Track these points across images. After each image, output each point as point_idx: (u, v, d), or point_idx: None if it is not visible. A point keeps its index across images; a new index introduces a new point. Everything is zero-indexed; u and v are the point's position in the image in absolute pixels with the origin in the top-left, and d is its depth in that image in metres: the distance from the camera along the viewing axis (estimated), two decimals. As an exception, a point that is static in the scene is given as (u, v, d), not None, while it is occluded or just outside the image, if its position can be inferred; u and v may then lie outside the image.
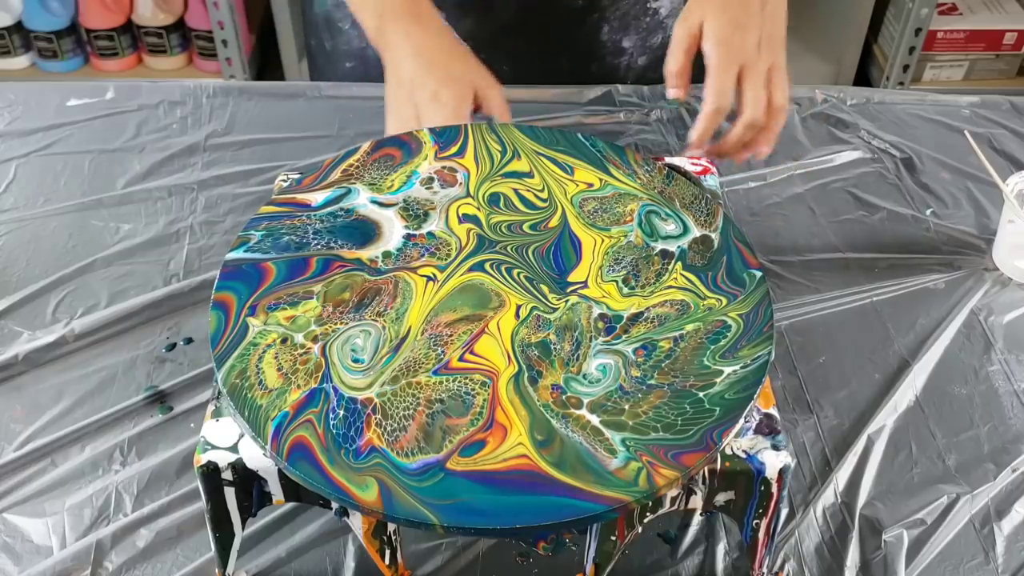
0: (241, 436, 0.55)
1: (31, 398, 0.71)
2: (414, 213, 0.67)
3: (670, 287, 0.63)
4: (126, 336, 0.75)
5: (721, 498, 0.56)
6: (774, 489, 0.55)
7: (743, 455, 0.55)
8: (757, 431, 0.56)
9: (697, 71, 1.02)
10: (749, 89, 0.77)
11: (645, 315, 0.61)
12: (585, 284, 0.63)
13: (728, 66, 0.76)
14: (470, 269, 0.63)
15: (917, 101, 1.03)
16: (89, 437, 0.68)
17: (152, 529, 0.63)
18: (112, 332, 0.75)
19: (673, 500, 0.56)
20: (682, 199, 0.69)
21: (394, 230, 0.66)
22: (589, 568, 0.58)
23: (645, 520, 0.56)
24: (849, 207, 0.89)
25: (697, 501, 0.56)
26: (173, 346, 0.74)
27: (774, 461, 0.55)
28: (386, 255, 0.64)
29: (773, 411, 0.57)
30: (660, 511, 0.56)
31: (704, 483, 0.55)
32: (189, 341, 0.75)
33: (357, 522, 0.56)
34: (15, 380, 0.72)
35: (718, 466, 0.54)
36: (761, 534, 0.58)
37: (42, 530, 0.63)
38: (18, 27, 2.03)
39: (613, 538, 0.56)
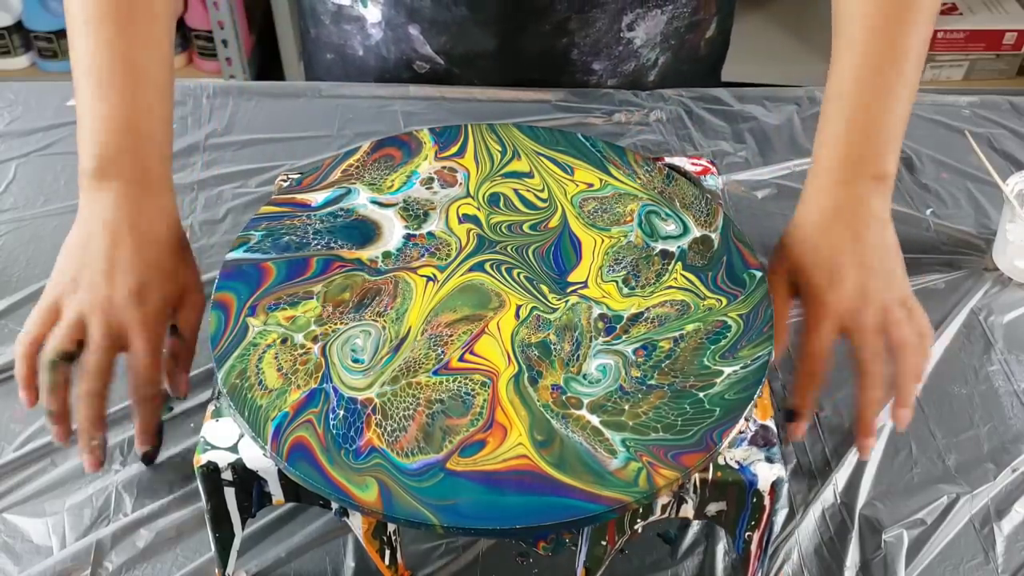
0: (241, 436, 0.55)
1: (31, 398, 0.71)
2: (414, 213, 0.67)
3: (670, 287, 0.63)
4: (126, 336, 0.75)
5: (713, 508, 0.56)
6: (767, 502, 0.55)
7: (736, 466, 0.54)
8: (752, 442, 0.55)
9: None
10: (860, 350, 0.62)
11: (645, 315, 0.61)
12: (585, 284, 0.63)
13: (822, 324, 0.62)
14: (470, 269, 0.63)
15: (917, 101, 1.03)
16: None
17: (152, 529, 0.63)
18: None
19: (664, 508, 0.55)
20: (682, 199, 0.69)
21: (394, 230, 0.66)
22: (580, 572, 0.58)
23: (636, 526, 0.56)
24: (849, 207, 0.89)
25: (688, 510, 0.56)
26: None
27: (767, 473, 0.54)
28: (386, 255, 0.64)
29: (770, 423, 0.56)
30: (651, 518, 0.56)
31: (695, 492, 0.55)
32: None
33: (357, 522, 0.56)
34: (15, 380, 0.72)
35: (710, 475, 0.54)
36: (754, 547, 0.58)
37: (42, 530, 0.63)
38: (18, 27, 2.03)
39: (603, 543, 0.56)
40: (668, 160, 0.74)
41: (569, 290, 0.62)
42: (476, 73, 0.96)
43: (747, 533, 0.57)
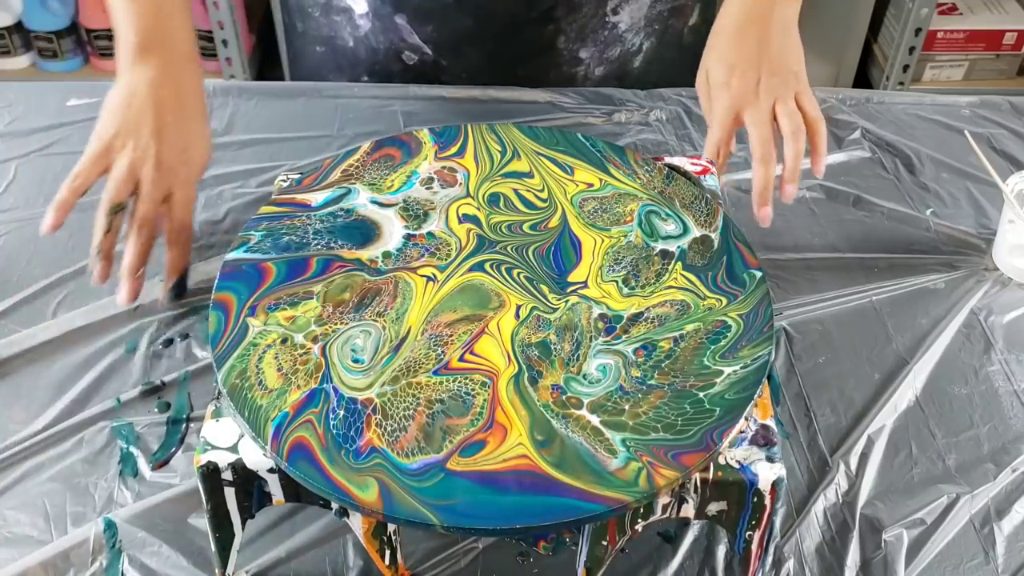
0: (241, 436, 0.55)
1: (31, 396, 0.71)
2: (414, 213, 0.67)
3: (670, 287, 0.63)
4: (126, 335, 0.75)
5: (713, 508, 0.56)
6: (767, 501, 0.55)
7: (736, 465, 0.54)
8: (752, 442, 0.55)
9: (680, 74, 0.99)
10: (751, 128, 0.76)
11: (645, 315, 0.61)
12: (585, 284, 0.63)
13: (725, 112, 0.77)
14: (470, 269, 0.63)
15: (917, 101, 1.03)
16: (88, 435, 0.68)
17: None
18: (112, 331, 0.75)
19: (665, 508, 0.55)
20: (682, 199, 0.69)
21: (394, 230, 0.66)
22: (580, 572, 0.58)
23: (636, 526, 0.56)
24: (849, 207, 0.89)
25: (689, 510, 0.56)
26: (170, 342, 0.74)
27: (767, 473, 0.54)
28: (386, 255, 0.64)
29: (770, 422, 0.56)
30: (652, 518, 0.56)
31: (696, 492, 0.55)
32: (185, 337, 0.75)
33: (357, 522, 0.56)
34: (15, 379, 0.72)
35: (710, 475, 0.54)
36: (754, 546, 0.58)
37: (42, 526, 0.63)
38: (18, 27, 2.03)
39: (604, 543, 0.56)
40: (668, 160, 0.74)
41: (569, 290, 0.62)
42: (464, 65, 0.96)
43: (748, 533, 0.57)
